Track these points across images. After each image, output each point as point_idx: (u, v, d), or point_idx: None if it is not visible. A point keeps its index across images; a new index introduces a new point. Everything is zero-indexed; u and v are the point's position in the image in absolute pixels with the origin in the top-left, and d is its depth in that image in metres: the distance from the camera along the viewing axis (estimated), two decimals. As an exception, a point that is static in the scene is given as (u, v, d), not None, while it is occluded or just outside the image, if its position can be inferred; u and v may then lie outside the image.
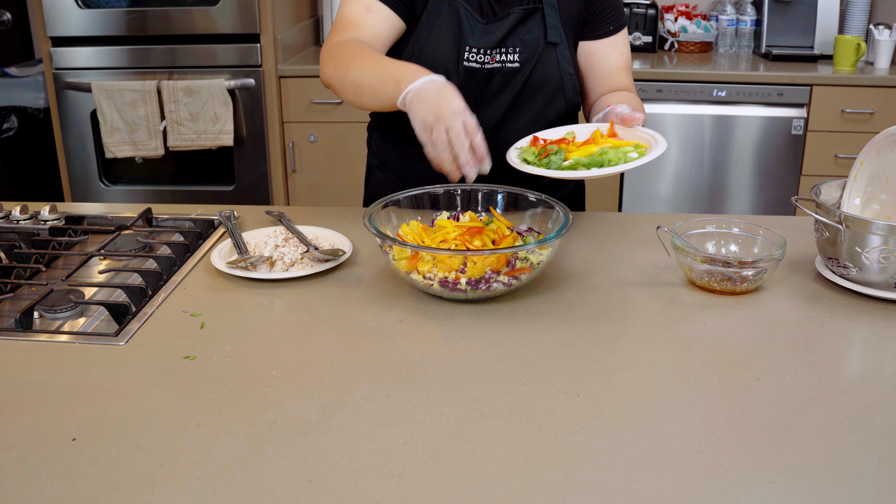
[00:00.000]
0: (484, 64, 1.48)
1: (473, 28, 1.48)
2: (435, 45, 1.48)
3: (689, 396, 0.97)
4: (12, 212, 1.54)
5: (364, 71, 1.35)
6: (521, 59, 1.49)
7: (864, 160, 1.32)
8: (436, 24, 1.48)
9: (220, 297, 1.24)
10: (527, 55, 1.49)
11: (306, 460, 0.85)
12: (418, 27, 1.49)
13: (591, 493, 0.80)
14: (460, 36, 1.47)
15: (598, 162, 1.26)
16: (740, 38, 3.50)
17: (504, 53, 1.49)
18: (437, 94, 1.22)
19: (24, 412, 0.94)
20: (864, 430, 0.90)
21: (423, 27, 1.48)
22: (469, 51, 1.48)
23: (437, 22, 1.48)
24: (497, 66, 1.49)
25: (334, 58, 1.41)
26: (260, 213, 1.58)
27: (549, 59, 1.50)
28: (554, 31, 1.50)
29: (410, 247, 1.17)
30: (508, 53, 1.49)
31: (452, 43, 1.48)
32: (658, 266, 1.34)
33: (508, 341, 1.10)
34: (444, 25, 1.48)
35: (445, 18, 1.47)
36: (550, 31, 1.50)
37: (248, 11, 3.01)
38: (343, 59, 1.39)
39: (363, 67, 1.35)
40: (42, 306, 1.17)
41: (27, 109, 3.48)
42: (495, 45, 1.48)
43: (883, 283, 1.20)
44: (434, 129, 1.20)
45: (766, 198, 3.20)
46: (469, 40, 1.47)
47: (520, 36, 1.49)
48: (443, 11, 1.48)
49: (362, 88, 1.35)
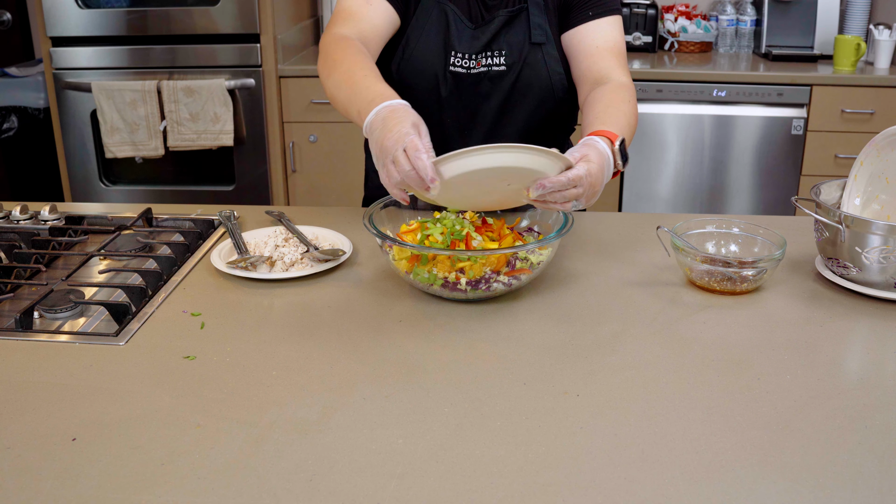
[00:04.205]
0: (470, 69, 1.48)
1: (461, 33, 1.47)
2: (423, 51, 1.47)
3: (689, 396, 0.97)
4: (12, 212, 1.54)
5: (337, 84, 1.31)
6: (506, 62, 1.48)
7: (864, 160, 1.32)
8: (425, 29, 1.47)
9: (220, 297, 1.24)
10: (513, 58, 1.48)
11: (306, 460, 0.85)
12: (408, 30, 1.48)
13: (591, 493, 0.80)
14: (447, 41, 1.47)
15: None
16: (740, 38, 3.50)
17: (490, 57, 1.48)
18: (382, 125, 1.14)
19: (24, 412, 0.94)
20: (864, 430, 0.90)
21: (413, 31, 1.48)
22: (454, 56, 1.47)
23: (427, 26, 1.47)
24: (483, 70, 1.48)
25: (325, 54, 1.39)
26: (260, 213, 1.58)
27: (536, 60, 1.48)
28: (539, 30, 1.48)
29: (410, 247, 1.17)
30: (494, 57, 1.48)
31: (439, 49, 1.47)
32: (658, 266, 1.34)
33: (508, 341, 1.10)
34: (432, 30, 1.47)
35: (434, 22, 1.47)
36: (535, 31, 1.48)
37: (248, 11, 3.00)
38: (329, 61, 1.36)
39: (339, 78, 1.31)
40: (42, 306, 1.17)
41: (27, 109, 3.48)
42: (480, 49, 1.47)
43: (883, 283, 1.20)
44: (382, 163, 1.12)
45: (766, 198, 3.20)
46: (455, 46, 1.47)
47: (505, 38, 1.48)
48: (433, 14, 1.47)
49: (335, 101, 1.34)
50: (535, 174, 1.09)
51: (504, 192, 1.14)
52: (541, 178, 1.09)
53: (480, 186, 1.12)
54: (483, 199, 1.20)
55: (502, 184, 1.11)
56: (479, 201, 1.21)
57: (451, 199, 1.17)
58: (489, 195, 1.17)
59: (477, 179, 1.08)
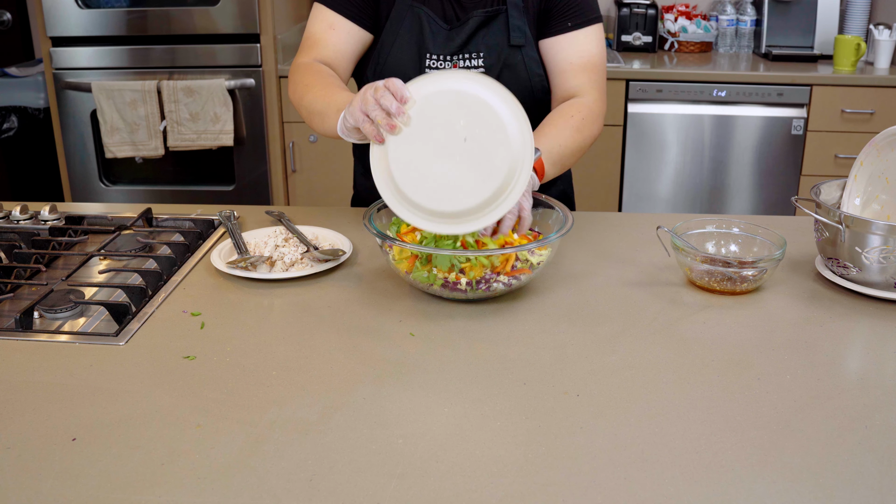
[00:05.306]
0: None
1: (436, 35, 1.47)
2: (397, 56, 1.48)
3: (689, 396, 0.97)
4: (12, 212, 1.54)
5: (314, 99, 1.35)
6: (485, 64, 1.47)
7: (864, 160, 1.32)
8: (398, 34, 1.47)
9: (220, 297, 1.24)
10: (491, 59, 1.47)
11: (306, 460, 0.85)
12: (381, 38, 1.48)
13: (591, 493, 0.80)
14: (422, 44, 1.47)
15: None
16: (740, 38, 3.50)
17: (467, 59, 1.47)
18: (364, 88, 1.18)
19: (24, 412, 0.94)
20: (864, 430, 0.90)
21: (386, 37, 1.48)
22: (430, 58, 1.47)
23: (400, 31, 1.47)
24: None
25: (294, 82, 1.43)
26: (260, 213, 1.58)
27: (515, 62, 1.48)
28: (518, 32, 1.47)
29: (410, 247, 1.17)
30: (472, 59, 1.47)
31: (414, 52, 1.47)
32: (658, 266, 1.34)
33: (508, 341, 1.10)
34: (406, 34, 1.47)
35: (407, 27, 1.47)
36: (514, 33, 1.47)
37: (248, 11, 3.00)
38: (300, 85, 1.40)
39: (315, 95, 1.35)
40: (42, 306, 1.17)
41: (27, 109, 3.48)
42: (456, 50, 1.47)
43: (883, 283, 1.20)
44: (354, 109, 1.14)
45: (766, 198, 3.20)
46: (430, 47, 1.47)
47: (483, 40, 1.47)
48: (406, 19, 1.47)
49: (313, 115, 1.36)
50: (491, 114, 1.10)
51: (456, 157, 1.12)
52: (489, 115, 1.11)
53: (440, 131, 1.12)
54: (431, 164, 1.14)
55: (460, 134, 1.11)
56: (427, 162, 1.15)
57: (409, 159, 1.14)
58: (446, 157, 1.13)
59: (438, 115, 1.11)
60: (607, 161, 3.19)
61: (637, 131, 3.15)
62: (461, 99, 1.10)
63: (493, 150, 1.10)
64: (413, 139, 1.12)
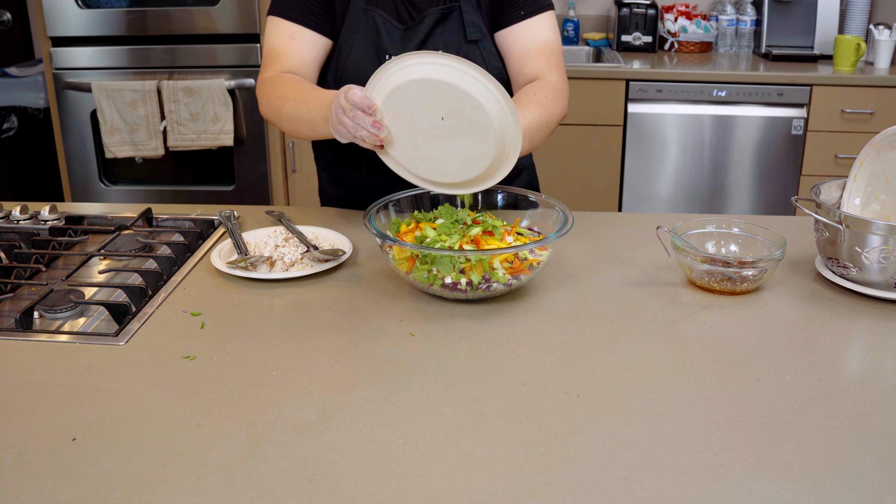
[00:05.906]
0: None
1: (392, 35, 1.47)
2: (356, 59, 1.48)
3: (689, 396, 0.97)
4: (12, 212, 1.54)
5: (295, 108, 1.36)
6: None
7: (864, 160, 1.32)
8: (355, 38, 1.48)
9: (220, 297, 1.24)
10: None
11: (306, 460, 0.85)
12: (339, 42, 1.49)
13: (591, 493, 0.80)
14: (380, 46, 1.47)
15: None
16: (740, 38, 3.50)
17: None
18: (334, 107, 1.22)
19: (24, 412, 0.94)
20: (864, 430, 0.90)
21: (344, 41, 1.48)
22: (388, 60, 1.47)
23: (356, 35, 1.48)
24: None
25: (266, 96, 1.44)
26: (260, 213, 1.58)
27: (474, 58, 1.48)
28: (473, 28, 1.48)
29: (410, 247, 1.17)
30: None
31: (372, 54, 1.48)
32: (658, 266, 1.34)
33: (508, 341, 1.10)
34: (362, 38, 1.48)
35: (363, 30, 1.47)
36: (469, 28, 1.48)
37: (248, 11, 3.01)
38: (274, 98, 1.41)
39: (294, 104, 1.36)
40: (42, 306, 1.17)
41: (27, 109, 3.48)
42: (413, 49, 1.47)
43: (883, 283, 1.20)
44: (333, 126, 1.23)
45: (766, 198, 3.20)
46: (387, 49, 1.47)
47: (441, 38, 1.48)
48: (361, 23, 1.47)
49: (298, 124, 1.37)
50: (449, 88, 1.15)
51: (445, 134, 1.19)
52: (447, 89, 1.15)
53: (417, 120, 1.19)
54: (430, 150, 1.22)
55: (435, 115, 1.18)
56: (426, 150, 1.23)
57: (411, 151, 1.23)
58: (439, 137, 1.20)
59: (405, 110, 1.18)
60: (607, 161, 3.19)
61: (637, 131, 3.15)
62: (419, 86, 1.16)
63: (470, 114, 1.16)
64: (401, 137, 1.21)
